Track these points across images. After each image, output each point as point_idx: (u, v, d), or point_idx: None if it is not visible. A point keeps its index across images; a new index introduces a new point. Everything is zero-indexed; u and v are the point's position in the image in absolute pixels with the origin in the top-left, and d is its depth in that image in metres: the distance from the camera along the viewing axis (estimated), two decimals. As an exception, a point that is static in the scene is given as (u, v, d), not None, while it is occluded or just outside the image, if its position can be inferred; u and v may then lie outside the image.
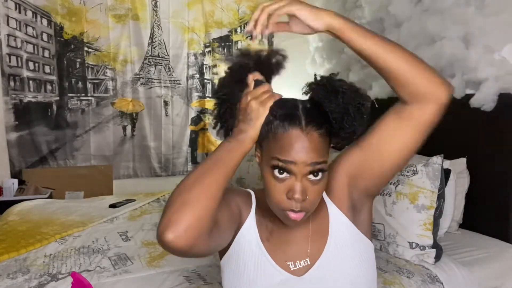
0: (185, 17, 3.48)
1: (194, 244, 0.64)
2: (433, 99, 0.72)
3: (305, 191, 0.71)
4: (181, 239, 0.62)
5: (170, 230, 0.62)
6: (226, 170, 0.70)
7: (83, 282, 1.20)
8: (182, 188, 0.67)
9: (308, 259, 0.81)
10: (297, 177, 0.71)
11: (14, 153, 3.03)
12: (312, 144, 0.71)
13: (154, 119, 3.46)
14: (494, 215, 1.81)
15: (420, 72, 0.72)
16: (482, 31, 1.82)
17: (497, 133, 1.76)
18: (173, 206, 0.64)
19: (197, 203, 0.65)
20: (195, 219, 0.63)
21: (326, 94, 0.74)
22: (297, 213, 0.72)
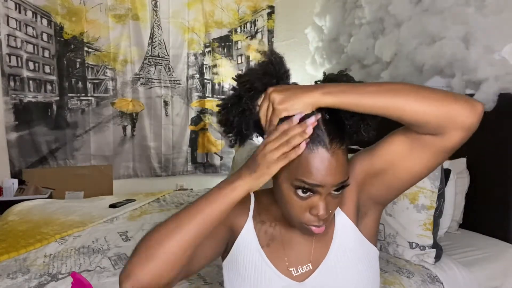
0: (185, 17, 3.48)
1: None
2: (457, 128, 0.64)
3: (328, 207, 0.70)
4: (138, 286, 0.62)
5: (128, 283, 0.62)
6: (203, 225, 0.65)
7: (83, 282, 1.20)
8: (153, 237, 0.64)
9: (310, 264, 0.80)
10: (321, 196, 0.68)
11: (14, 153, 3.04)
12: (338, 164, 0.67)
13: (154, 119, 3.46)
14: (494, 215, 1.81)
15: (436, 105, 0.63)
16: (482, 31, 1.82)
17: (497, 133, 1.76)
18: (138, 255, 0.63)
19: (163, 261, 0.63)
20: (158, 277, 0.62)
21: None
22: (320, 227, 0.71)
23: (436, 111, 0.63)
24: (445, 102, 0.63)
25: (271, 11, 3.76)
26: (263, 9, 3.75)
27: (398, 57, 2.21)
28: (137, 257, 0.63)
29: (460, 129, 0.64)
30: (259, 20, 3.76)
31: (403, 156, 0.72)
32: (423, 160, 0.71)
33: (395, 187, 0.77)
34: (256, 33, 3.77)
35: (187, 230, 0.65)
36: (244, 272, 0.80)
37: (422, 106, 0.63)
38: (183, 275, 0.72)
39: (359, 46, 2.52)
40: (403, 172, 0.73)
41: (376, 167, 0.75)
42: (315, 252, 0.80)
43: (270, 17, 3.77)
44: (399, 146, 0.72)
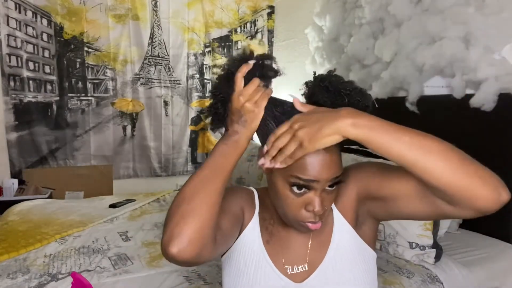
0: (185, 17, 3.48)
1: (199, 254, 0.64)
2: (473, 208, 0.60)
3: (323, 203, 0.71)
4: (186, 252, 0.62)
5: (173, 244, 0.62)
6: (224, 175, 0.69)
7: (83, 282, 1.20)
8: (181, 199, 0.66)
9: (306, 265, 0.80)
10: (316, 192, 0.70)
11: (14, 153, 3.04)
12: (332, 159, 0.69)
13: (154, 119, 3.46)
14: (494, 215, 1.81)
15: (464, 180, 0.59)
16: (482, 31, 1.82)
17: (497, 133, 1.76)
18: (173, 219, 0.64)
19: (198, 214, 0.64)
20: (197, 231, 0.63)
21: (330, 97, 0.71)
22: (316, 223, 0.72)
23: (461, 185, 0.59)
24: (474, 180, 0.58)
25: (271, 11, 3.76)
26: (263, 9, 3.75)
27: (398, 57, 2.21)
28: (172, 218, 0.64)
29: (475, 210, 0.60)
30: (259, 20, 3.76)
31: (410, 199, 0.70)
32: (427, 213, 0.69)
33: (395, 216, 0.77)
34: (256, 33, 3.77)
35: (213, 184, 0.67)
36: (244, 266, 0.80)
37: (449, 175, 0.59)
38: (220, 246, 0.72)
39: (359, 46, 2.52)
40: (405, 210, 0.72)
41: (381, 193, 0.75)
42: (313, 254, 0.80)
43: (270, 17, 3.77)
44: (410, 189, 0.69)
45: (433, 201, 0.66)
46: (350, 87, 0.71)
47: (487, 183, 0.58)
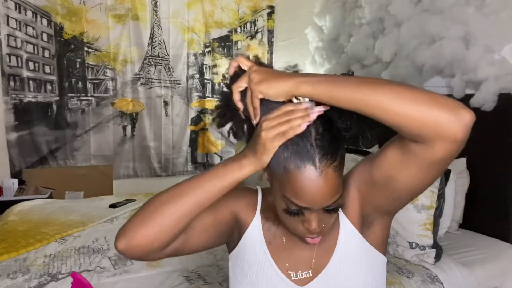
0: (185, 17, 3.48)
1: (145, 256, 0.66)
2: (440, 138, 0.57)
3: (321, 222, 0.68)
4: (132, 251, 0.65)
5: (122, 241, 0.64)
6: (204, 197, 0.66)
7: (83, 282, 1.20)
8: (152, 203, 0.67)
9: (311, 271, 0.78)
10: (312, 211, 0.67)
11: (14, 153, 3.04)
12: (328, 184, 0.64)
13: (154, 119, 3.46)
14: (494, 215, 1.81)
15: (418, 110, 0.56)
16: (482, 31, 1.82)
17: (497, 133, 1.76)
18: (135, 217, 0.66)
19: (158, 223, 0.64)
20: (150, 238, 0.64)
21: (338, 110, 0.64)
22: (314, 238, 0.71)
23: (417, 116, 0.56)
24: (428, 107, 0.55)
25: (271, 11, 3.76)
26: (263, 9, 3.75)
27: (398, 57, 2.21)
28: (136, 218, 0.66)
29: (444, 140, 0.56)
30: (259, 20, 3.76)
31: (397, 168, 0.66)
32: (414, 173, 0.64)
33: (396, 199, 0.73)
34: (256, 33, 3.77)
35: (186, 200, 0.66)
36: (247, 268, 0.79)
37: (403, 108, 0.56)
38: (179, 246, 0.72)
39: (359, 46, 2.52)
40: (400, 186, 0.68)
41: (376, 179, 0.71)
42: (317, 258, 0.79)
43: (270, 17, 3.77)
44: (393, 157, 0.66)
45: (412, 154, 0.62)
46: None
47: (443, 106, 0.55)
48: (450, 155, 0.59)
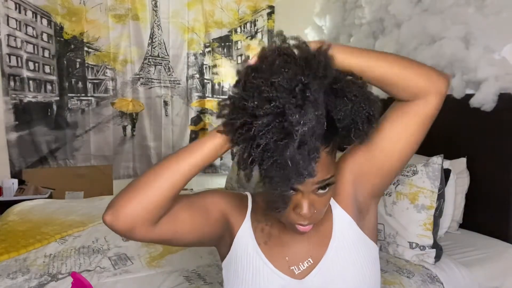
0: (185, 17, 3.48)
1: (131, 229, 0.68)
2: (433, 92, 0.73)
3: (313, 206, 0.70)
4: (118, 223, 0.67)
5: (108, 213, 0.67)
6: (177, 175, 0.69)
7: (83, 282, 1.20)
8: (139, 178, 0.70)
9: (311, 258, 0.79)
10: (303, 195, 0.69)
11: (14, 153, 3.04)
12: (320, 164, 0.65)
13: (154, 119, 3.46)
14: (494, 215, 1.81)
15: (416, 71, 0.73)
16: (482, 31, 1.82)
17: (497, 133, 1.76)
18: (123, 191, 0.69)
19: (142, 193, 0.67)
20: (135, 207, 0.67)
21: (334, 100, 0.65)
22: (305, 226, 0.72)
23: (415, 73, 0.73)
24: (426, 69, 0.74)
25: (271, 11, 3.76)
26: (263, 9, 3.75)
27: (398, 57, 2.21)
28: (123, 192, 0.69)
29: (436, 93, 0.73)
30: (259, 20, 3.76)
31: (393, 132, 0.76)
32: (411, 131, 0.76)
33: (389, 171, 0.79)
34: (256, 33, 3.77)
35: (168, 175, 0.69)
36: (242, 273, 0.79)
37: (406, 69, 0.73)
38: (167, 236, 0.74)
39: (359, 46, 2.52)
40: (394, 152, 0.77)
41: (372, 146, 0.77)
42: (314, 250, 0.79)
43: (270, 17, 3.76)
44: (392, 116, 0.77)
45: (413, 111, 0.74)
46: (357, 91, 0.66)
47: (431, 68, 0.75)
48: (438, 108, 0.75)
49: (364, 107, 0.66)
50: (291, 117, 0.56)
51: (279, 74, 0.58)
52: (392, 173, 0.80)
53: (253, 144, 0.59)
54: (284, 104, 0.57)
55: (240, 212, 0.83)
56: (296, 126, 0.56)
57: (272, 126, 0.57)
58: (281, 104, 0.57)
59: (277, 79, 0.58)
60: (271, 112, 0.57)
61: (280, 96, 0.57)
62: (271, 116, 0.57)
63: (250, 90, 0.60)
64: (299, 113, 0.56)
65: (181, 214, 0.74)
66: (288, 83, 0.58)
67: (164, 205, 0.69)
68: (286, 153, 0.57)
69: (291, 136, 0.56)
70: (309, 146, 0.58)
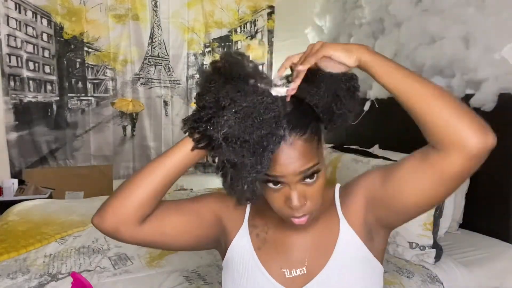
0: (185, 17, 3.48)
1: (116, 230, 0.71)
2: (459, 148, 0.61)
3: (303, 196, 0.69)
4: (104, 224, 0.70)
5: (96, 215, 0.71)
6: (161, 177, 0.70)
7: (83, 282, 1.20)
8: (126, 181, 0.73)
9: (305, 268, 0.77)
10: (291, 187, 0.68)
11: (14, 153, 3.04)
12: (298, 152, 0.66)
13: (154, 119, 3.46)
14: (494, 215, 1.81)
15: (453, 116, 0.61)
16: (482, 31, 1.82)
17: (497, 133, 1.76)
18: (110, 196, 0.72)
19: (124, 194, 0.70)
20: (117, 208, 0.70)
21: (306, 86, 0.68)
22: (300, 218, 0.71)
23: (447, 118, 0.61)
24: (461, 115, 0.61)
25: (271, 11, 3.76)
26: (263, 9, 3.75)
27: (398, 57, 2.21)
28: (110, 197, 0.72)
29: (461, 151, 0.61)
30: (259, 20, 3.76)
31: (411, 177, 0.69)
32: (427, 185, 0.67)
33: (403, 213, 0.74)
34: (256, 33, 3.77)
35: (145, 180, 0.71)
36: (238, 276, 0.79)
37: (441, 108, 0.62)
38: (154, 237, 0.75)
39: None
40: (410, 198, 0.70)
41: (387, 187, 0.73)
42: (313, 260, 0.77)
43: (270, 17, 3.76)
44: (409, 164, 0.69)
45: (431, 161, 0.65)
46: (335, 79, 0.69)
47: (474, 121, 0.61)
48: (463, 171, 0.63)
49: (340, 79, 0.69)
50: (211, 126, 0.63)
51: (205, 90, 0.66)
52: (406, 214, 0.75)
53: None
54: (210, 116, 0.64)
55: (237, 216, 0.83)
56: (216, 132, 0.62)
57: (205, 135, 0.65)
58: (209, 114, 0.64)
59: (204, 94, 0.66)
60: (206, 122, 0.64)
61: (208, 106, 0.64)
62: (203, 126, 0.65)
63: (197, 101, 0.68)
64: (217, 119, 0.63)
65: (168, 217, 0.75)
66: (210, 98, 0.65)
67: (147, 204, 0.71)
68: (222, 157, 0.64)
69: (217, 141, 0.63)
70: (252, 141, 0.62)
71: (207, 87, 0.65)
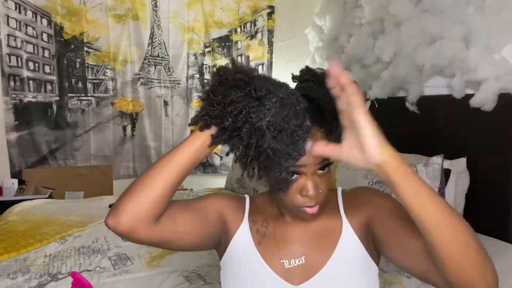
0: (185, 17, 3.48)
1: (133, 230, 0.69)
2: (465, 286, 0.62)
3: (317, 186, 0.73)
4: (120, 225, 0.69)
5: (110, 216, 0.70)
6: (175, 172, 0.70)
7: (83, 282, 1.20)
8: (136, 180, 0.72)
9: (304, 258, 0.80)
10: (307, 176, 0.72)
11: (14, 153, 3.04)
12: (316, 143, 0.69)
13: (154, 119, 3.46)
14: (494, 215, 1.81)
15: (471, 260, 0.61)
16: (482, 31, 1.82)
17: (497, 133, 1.76)
18: (122, 195, 0.71)
19: (138, 193, 0.69)
20: (134, 206, 0.68)
21: (318, 89, 0.72)
22: (313, 207, 0.74)
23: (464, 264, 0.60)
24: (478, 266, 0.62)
25: (271, 11, 3.76)
26: (263, 9, 3.75)
27: (398, 57, 2.21)
28: (122, 196, 0.71)
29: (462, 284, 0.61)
30: (259, 20, 3.76)
31: (410, 254, 0.70)
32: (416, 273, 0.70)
33: (385, 255, 0.79)
34: (256, 33, 3.77)
35: (163, 175, 0.70)
36: (238, 270, 0.80)
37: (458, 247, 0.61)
38: (168, 237, 0.74)
39: (359, 46, 2.52)
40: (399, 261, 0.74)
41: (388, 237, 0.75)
42: (313, 255, 0.80)
43: (270, 17, 3.77)
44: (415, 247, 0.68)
45: (428, 265, 0.65)
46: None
47: (487, 276, 0.62)
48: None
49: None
50: (253, 114, 0.62)
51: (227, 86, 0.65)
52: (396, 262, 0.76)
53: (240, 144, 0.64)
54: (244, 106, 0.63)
55: (237, 214, 0.85)
56: (259, 120, 0.62)
57: (242, 128, 0.63)
58: (242, 107, 0.63)
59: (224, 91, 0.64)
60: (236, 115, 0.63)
61: (235, 101, 0.63)
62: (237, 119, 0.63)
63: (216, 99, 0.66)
64: (257, 108, 0.62)
65: (180, 215, 0.76)
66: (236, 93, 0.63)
67: (162, 202, 0.70)
68: (265, 145, 0.62)
69: (260, 130, 0.62)
70: (289, 129, 0.62)
71: (228, 83, 0.64)
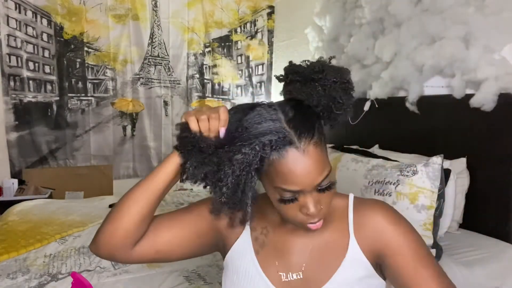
0: (185, 17, 3.48)
1: (111, 255, 0.75)
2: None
3: (318, 202, 0.68)
4: (98, 250, 0.75)
5: (92, 243, 0.76)
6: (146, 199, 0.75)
7: (83, 282, 1.20)
8: (109, 215, 0.77)
9: (301, 273, 0.76)
10: (306, 195, 0.67)
11: (14, 153, 3.04)
12: (313, 161, 0.65)
13: (154, 119, 3.47)
14: (494, 215, 1.81)
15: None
16: (482, 31, 1.82)
17: (497, 133, 1.76)
18: (102, 222, 0.77)
19: (114, 222, 0.74)
20: (109, 235, 0.73)
21: (304, 89, 0.68)
22: (316, 223, 0.70)
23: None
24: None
25: (271, 11, 3.76)
26: (263, 9, 3.75)
27: (398, 57, 2.21)
28: (100, 226, 0.77)
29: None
30: (259, 20, 3.76)
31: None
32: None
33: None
34: (256, 33, 3.77)
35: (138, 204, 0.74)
36: (237, 280, 0.78)
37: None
38: (150, 255, 0.77)
39: (359, 46, 2.52)
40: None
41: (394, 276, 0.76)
42: (313, 270, 0.76)
43: (270, 17, 3.77)
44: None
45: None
46: (321, 67, 0.69)
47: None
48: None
49: (336, 80, 0.69)
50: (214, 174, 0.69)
51: None
52: None
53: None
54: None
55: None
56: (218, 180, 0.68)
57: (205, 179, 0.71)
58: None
59: None
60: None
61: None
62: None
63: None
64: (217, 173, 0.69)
65: (160, 234, 0.77)
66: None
67: (137, 229, 0.74)
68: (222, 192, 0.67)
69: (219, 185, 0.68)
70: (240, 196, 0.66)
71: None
